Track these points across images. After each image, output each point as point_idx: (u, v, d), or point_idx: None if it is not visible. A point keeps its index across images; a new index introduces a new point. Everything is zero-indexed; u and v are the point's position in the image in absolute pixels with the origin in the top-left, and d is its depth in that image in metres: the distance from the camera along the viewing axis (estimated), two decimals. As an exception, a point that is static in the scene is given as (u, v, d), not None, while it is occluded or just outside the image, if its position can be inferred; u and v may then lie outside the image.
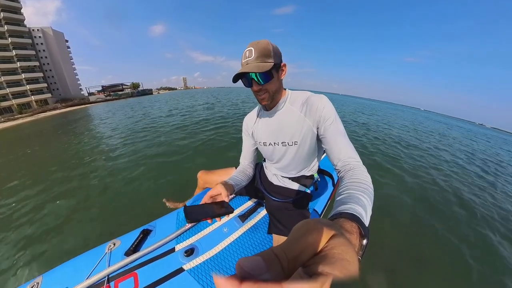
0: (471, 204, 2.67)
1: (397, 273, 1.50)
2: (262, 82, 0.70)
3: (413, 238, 1.90)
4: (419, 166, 3.84)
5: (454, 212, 2.43)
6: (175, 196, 1.99)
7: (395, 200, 2.51)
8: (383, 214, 2.17)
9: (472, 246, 1.87)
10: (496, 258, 1.78)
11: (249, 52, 0.69)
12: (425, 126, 11.54)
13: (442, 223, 2.17)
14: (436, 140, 7.29)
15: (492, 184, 3.55)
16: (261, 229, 1.02)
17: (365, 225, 0.33)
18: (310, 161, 0.90)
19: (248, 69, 0.68)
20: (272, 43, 0.71)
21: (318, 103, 0.74)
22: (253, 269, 0.13)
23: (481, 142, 9.35)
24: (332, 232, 0.17)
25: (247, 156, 1.02)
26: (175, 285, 0.78)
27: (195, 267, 0.84)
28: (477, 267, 1.64)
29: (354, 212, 0.35)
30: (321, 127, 0.73)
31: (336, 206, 0.41)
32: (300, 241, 0.16)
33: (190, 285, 0.78)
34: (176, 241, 0.95)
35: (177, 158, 3.52)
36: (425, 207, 2.46)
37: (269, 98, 0.76)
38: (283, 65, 0.75)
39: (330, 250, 0.16)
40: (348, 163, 0.61)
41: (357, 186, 0.48)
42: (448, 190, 3.00)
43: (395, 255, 1.66)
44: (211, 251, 0.91)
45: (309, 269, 0.15)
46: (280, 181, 0.99)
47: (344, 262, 0.15)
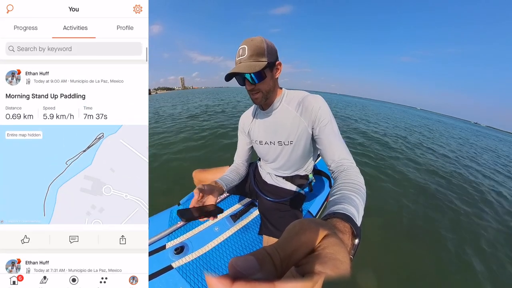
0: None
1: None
2: (255, 82, 0.70)
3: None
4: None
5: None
6: (169, 195, 1.99)
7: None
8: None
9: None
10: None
11: (242, 50, 0.68)
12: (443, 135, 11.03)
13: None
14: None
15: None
16: (252, 230, 1.03)
17: (357, 225, 0.33)
18: (305, 161, 0.90)
19: (239, 69, 0.67)
20: (267, 40, 0.70)
21: (314, 104, 0.73)
22: (246, 269, 0.13)
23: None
24: (325, 232, 0.17)
25: (241, 154, 1.02)
26: (163, 282, 0.79)
27: (184, 265, 0.84)
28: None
29: (347, 212, 0.36)
30: (316, 127, 0.72)
31: (330, 206, 0.42)
32: (293, 241, 0.16)
33: (178, 282, 0.79)
34: (167, 238, 0.96)
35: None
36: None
37: (263, 98, 0.76)
38: (278, 63, 0.73)
39: (323, 249, 0.16)
40: (342, 164, 0.62)
41: (350, 187, 0.49)
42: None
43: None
44: (201, 249, 0.91)
45: (302, 268, 0.15)
46: (273, 180, 0.99)
47: (336, 261, 0.15)
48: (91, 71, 0.39)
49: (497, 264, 1.73)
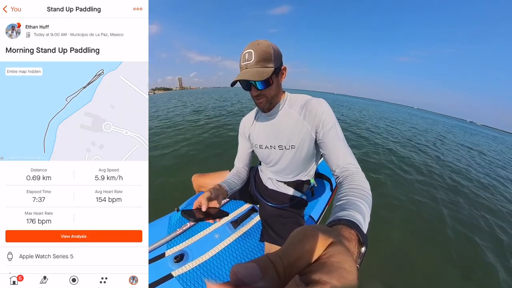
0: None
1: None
2: (261, 88, 0.70)
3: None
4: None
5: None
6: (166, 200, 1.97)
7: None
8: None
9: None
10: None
11: (249, 54, 0.67)
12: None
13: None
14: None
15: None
16: (253, 236, 1.01)
17: (363, 233, 0.32)
18: (307, 166, 0.89)
19: (247, 76, 0.66)
20: (273, 44, 0.69)
21: (318, 108, 0.73)
22: (248, 277, 0.13)
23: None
24: (330, 240, 0.17)
25: (242, 159, 1.01)
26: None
27: (184, 274, 0.82)
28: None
29: (353, 219, 0.35)
30: (320, 132, 0.72)
31: (335, 212, 0.41)
32: (297, 248, 0.15)
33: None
34: (166, 246, 0.94)
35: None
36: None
37: (267, 103, 0.76)
38: (283, 68, 0.74)
39: (328, 258, 0.15)
40: (347, 169, 0.61)
41: (355, 193, 0.47)
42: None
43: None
44: (201, 257, 0.89)
45: (306, 277, 0.14)
46: (275, 185, 0.97)
47: (342, 270, 0.14)
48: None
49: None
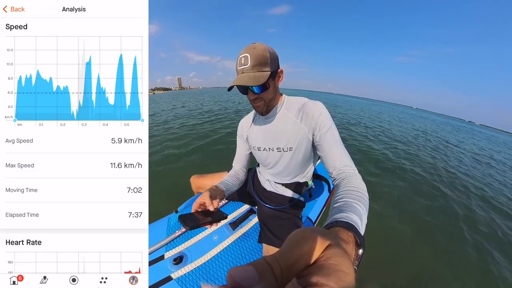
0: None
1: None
2: (258, 92, 0.70)
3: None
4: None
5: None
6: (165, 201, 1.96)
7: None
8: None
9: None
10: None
11: (245, 58, 0.67)
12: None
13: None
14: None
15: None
16: (252, 238, 1.01)
17: (361, 234, 0.33)
18: (304, 168, 0.90)
19: (243, 81, 0.67)
20: (269, 47, 0.69)
21: (315, 110, 0.74)
22: (245, 280, 0.13)
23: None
24: (328, 242, 0.16)
25: (240, 160, 1.01)
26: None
27: (183, 276, 0.82)
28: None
29: (350, 221, 0.35)
30: (316, 134, 0.73)
31: (332, 214, 0.41)
32: (294, 250, 0.15)
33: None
34: (165, 248, 0.94)
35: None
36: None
37: (264, 106, 0.76)
38: (280, 71, 0.74)
39: (326, 260, 0.15)
40: (344, 171, 0.61)
41: (352, 194, 0.48)
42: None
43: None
44: (200, 259, 0.89)
45: (303, 280, 0.14)
46: (273, 187, 0.98)
47: (340, 273, 0.14)
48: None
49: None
